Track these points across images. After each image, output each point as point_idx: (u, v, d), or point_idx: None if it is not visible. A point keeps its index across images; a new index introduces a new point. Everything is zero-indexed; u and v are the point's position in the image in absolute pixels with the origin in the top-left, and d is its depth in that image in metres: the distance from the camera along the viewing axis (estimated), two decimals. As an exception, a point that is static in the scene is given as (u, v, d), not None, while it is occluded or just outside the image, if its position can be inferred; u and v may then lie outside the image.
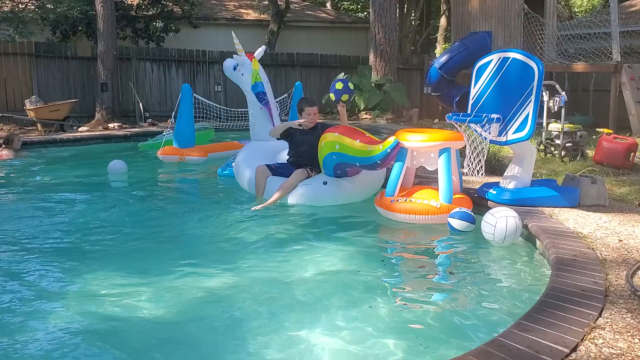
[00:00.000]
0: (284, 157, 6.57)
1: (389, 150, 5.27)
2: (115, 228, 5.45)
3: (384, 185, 5.82)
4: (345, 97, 6.14)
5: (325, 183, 5.99)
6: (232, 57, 7.43)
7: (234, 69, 7.34)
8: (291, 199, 6.03)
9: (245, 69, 7.25)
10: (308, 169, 6.13)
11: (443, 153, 5.34)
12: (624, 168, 7.19)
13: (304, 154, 6.19)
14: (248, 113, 7.46)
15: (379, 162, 5.39)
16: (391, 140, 5.30)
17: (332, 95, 6.21)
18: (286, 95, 11.19)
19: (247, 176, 6.50)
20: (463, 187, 5.85)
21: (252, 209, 5.91)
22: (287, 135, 6.32)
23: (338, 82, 6.14)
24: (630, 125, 11.47)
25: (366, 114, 14.63)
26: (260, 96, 7.15)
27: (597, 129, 9.23)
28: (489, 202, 5.47)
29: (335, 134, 5.70)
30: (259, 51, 7.56)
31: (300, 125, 6.19)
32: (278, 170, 6.27)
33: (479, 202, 5.57)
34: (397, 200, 5.46)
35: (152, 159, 9.19)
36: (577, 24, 14.85)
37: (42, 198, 6.61)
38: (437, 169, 5.42)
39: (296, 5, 20.88)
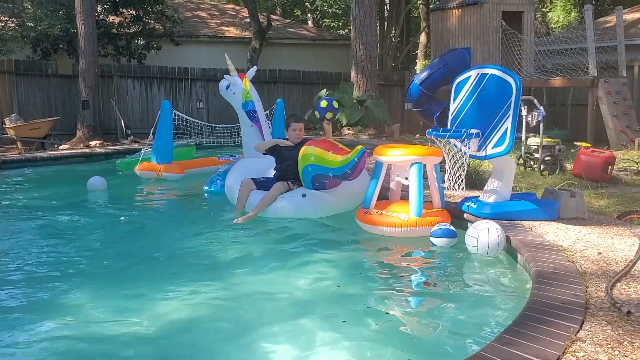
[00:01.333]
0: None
1: (356, 159, 5.41)
2: (98, 247, 5.40)
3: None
4: (329, 114, 6.25)
5: (304, 195, 6.04)
6: (224, 77, 7.69)
7: (227, 88, 7.63)
8: (271, 212, 6.08)
9: (237, 88, 7.56)
10: (290, 182, 6.19)
11: (413, 167, 5.42)
12: (602, 181, 7.29)
13: (289, 169, 6.25)
14: (240, 130, 7.69)
15: (349, 171, 5.53)
16: (358, 148, 5.41)
17: (317, 113, 6.32)
18: (267, 112, 11.24)
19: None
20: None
21: (235, 221, 5.96)
22: (274, 150, 6.39)
23: (323, 101, 6.26)
24: (607, 139, 11.65)
25: (348, 129, 14.71)
26: (251, 114, 7.43)
27: (576, 143, 9.37)
28: (466, 215, 5.54)
29: (312, 146, 5.81)
30: (251, 72, 7.87)
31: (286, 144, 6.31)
32: (263, 184, 6.32)
33: (460, 216, 5.63)
34: (370, 213, 5.56)
35: (131, 177, 9.14)
36: (554, 39, 15.11)
37: (22, 218, 6.53)
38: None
39: (278, 23, 20.99)
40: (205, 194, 7.64)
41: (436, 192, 5.70)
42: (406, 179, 5.57)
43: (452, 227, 5.16)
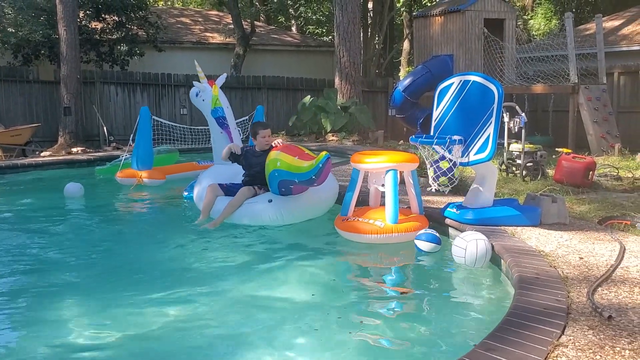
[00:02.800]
0: None
1: (320, 165, 5.43)
2: (74, 256, 5.31)
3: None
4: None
5: (270, 201, 6.04)
6: (194, 84, 7.70)
7: (197, 95, 7.64)
8: (236, 218, 6.07)
9: (206, 94, 7.56)
10: (256, 187, 6.20)
11: (388, 174, 5.45)
12: (583, 186, 7.36)
13: (257, 175, 6.26)
14: (210, 137, 7.68)
15: (313, 177, 5.53)
16: (322, 154, 5.44)
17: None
18: (247, 117, 11.26)
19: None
20: (425, 207, 5.95)
21: (201, 227, 5.97)
22: (239, 157, 6.40)
23: None
24: (588, 145, 11.79)
25: (333, 135, 14.74)
26: (220, 121, 7.40)
27: (557, 149, 9.46)
28: (448, 221, 5.58)
29: (278, 151, 5.83)
30: (220, 78, 7.87)
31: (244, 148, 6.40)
32: (230, 189, 6.31)
33: (441, 222, 5.66)
34: (348, 219, 5.58)
35: (111, 183, 9.08)
36: (535, 46, 15.30)
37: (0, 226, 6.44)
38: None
39: (262, 29, 21.00)
40: (185, 200, 7.58)
41: (414, 198, 5.74)
42: (383, 185, 5.60)
43: (437, 234, 5.17)
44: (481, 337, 2.98)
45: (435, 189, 5.74)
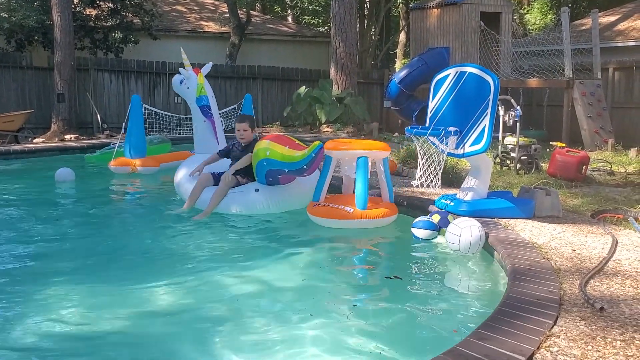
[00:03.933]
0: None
1: (313, 155, 5.45)
2: (64, 243, 5.31)
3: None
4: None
5: (257, 190, 6.05)
6: (179, 71, 7.63)
7: (181, 82, 7.55)
8: (223, 208, 6.06)
9: (191, 82, 7.49)
10: (239, 177, 6.21)
11: (359, 161, 5.49)
12: (576, 180, 7.40)
13: (242, 169, 6.25)
14: (192, 126, 7.61)
15: (305, 166, 5.56)
16: (316, 143, 5.47)
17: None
18: (235, 106, 11.24)
19: (189, 190, 6.44)
20: (419, 199, 5.96)
21: (194, 218, 5.95)
22: (228, 152, 6.47)
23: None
24: (582, 139, 11.84)
25: (327, 127, 14.72)
26: (204, 109, 7.37)
27: (551, 143, 9.49)
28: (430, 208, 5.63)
29: (267, 141, 5.84)
30: (206, 67, 7.78)
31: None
32: (219, 178, 6.32)
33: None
34: (319, 205, 5.65)
35: (101, 171, 9.04)
36: (531, 41, 15.29)
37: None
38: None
39: (257, 19, 20.90)
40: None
41: (384, 186, 5.79)
42: (355, 173, 5.63)
43: (433, 220, 5.19)
44: (474, 327, 3.00)
45: (416, 185, 5.79)
